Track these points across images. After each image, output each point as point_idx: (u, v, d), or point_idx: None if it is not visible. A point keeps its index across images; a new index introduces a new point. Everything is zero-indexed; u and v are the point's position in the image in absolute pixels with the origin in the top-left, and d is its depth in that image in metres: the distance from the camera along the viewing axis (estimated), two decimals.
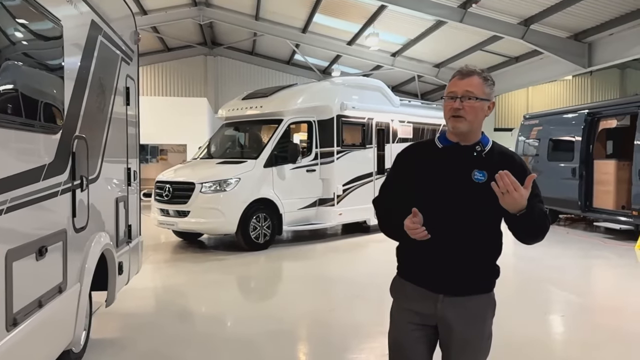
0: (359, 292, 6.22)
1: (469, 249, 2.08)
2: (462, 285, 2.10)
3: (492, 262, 2.18)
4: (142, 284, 6.67)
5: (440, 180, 2.10)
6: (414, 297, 2.16)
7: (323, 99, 9.77)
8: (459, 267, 2.09)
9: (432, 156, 2.16)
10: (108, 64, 4.11)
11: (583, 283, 7.09)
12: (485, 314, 2.17)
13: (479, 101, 2.06)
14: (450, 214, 2.07)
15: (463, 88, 2.06)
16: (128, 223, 4.73)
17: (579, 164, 10.93)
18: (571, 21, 13.45)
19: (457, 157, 2.11)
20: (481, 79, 2.10)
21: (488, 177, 2.02)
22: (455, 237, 2.07)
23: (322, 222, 9.71)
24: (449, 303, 2.10)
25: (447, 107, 2.09)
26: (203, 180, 8.35)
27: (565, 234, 11.00)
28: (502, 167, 1.98)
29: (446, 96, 2.11)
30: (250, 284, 7.14)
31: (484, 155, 2.12)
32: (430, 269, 2.12)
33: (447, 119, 2.11)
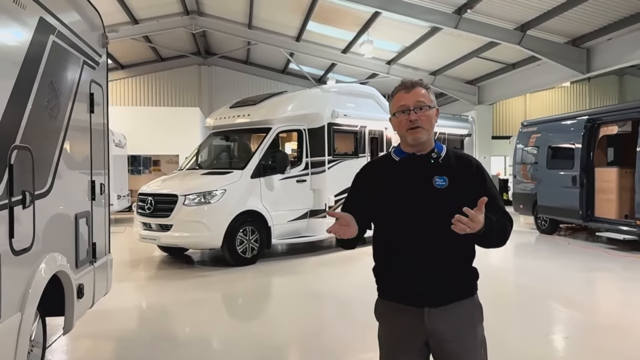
0: (348, 312, 5.84)
1: (443, 255, 2.07)
2: (444, 293, 2.08)
3: (469, 265, 2.17)
4: (122, 303, 6.29)
5: (403, 191, 2.11)
6: (398, 317, 2.13)
7: (313, 106, 9.42)
8: (436, 276, 2.07)
9: (391, 169, 2.17)
10: (64, 67, 3.75)
11: (586, 299, 6.65)
12: (474, 319, 2.14)
13: (430, 109, 2.10)
14: (418, 223, 2.06)
15: (413, 99, 2.09)
16: (92, 241, 4.34)
17: (579, 172, 10.57)
18: (568, 26, 13.17)
19: (415, 167, 2.13)
20: (425, 88, 2.14)
21: (449, 182, 2.07)
22: (427, 245, 2.06)
23: (314, 234, 9.32)
24: (436, 315, 2.06)
25: (402, 121, 2.10)
26: (186, 192, 7.97)
27: (567, 245, 10.61)
28: (461, 171, 2.11)
29: (397, 111, 2.12)
30: (234, 303, 6.71)
31: (440, 161, 2.14)
32: (408, 282, 2.09)
33: (404, 133, 2.11)
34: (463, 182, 2.09)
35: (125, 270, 8.06)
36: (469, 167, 2.14)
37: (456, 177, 2.08)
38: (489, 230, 1.97)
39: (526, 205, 12.62)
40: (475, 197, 1.97)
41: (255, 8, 17.11)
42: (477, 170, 2.15)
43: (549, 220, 11.99)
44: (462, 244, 2.08)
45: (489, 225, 1.96)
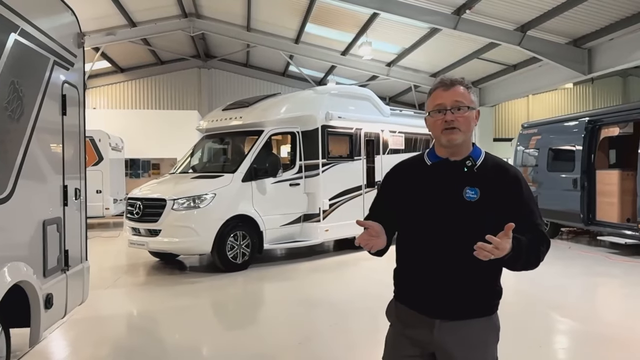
0: (338, 320, 5.64)
1: (464, 270, 1.95)
2: (459, 308, 1.98)
3: (492, 283, 2.05)
4: (108, 311, 6.16)
5: (431, 199, 2.00)
6: (409, 322, 2.07)
7: (307, 108, 9.24)
8: (454, 289, 1.97)
9: (421, 174, 2.06)
10: (28, 67, 3.59)
11: (586, 307, 6.40)
12: (486, 339, 2.03)
13: (470, 110, 1.97)
14: (442, 235, 1.96)
15: (452, 98, 1.96)
16: (64, 248, 4.17)
17: (580, 175, 10.33)
18: (569, 26, 12.95)
19: (447, 175, 2.00)
20: (465, 87, 2.00)
21: (481, 194, 1.94)
22: (449, 258, 1.95)
23: (308, 239, 9.12)
24: (446, 329, 1.97)
25: (437, 122, 1.98)
26: (175, 196, 7.80)
27: (567, 249, 10.37)
28: (496, 182, 1.96)
29: (433, 110, 1.99)
30: (223, 311, 6.50)
31: (475, 170, 2.00)
32: (425, 292, 2.02)
33: (439, 134, 1.99)
34: (496, 195, 1.95)
35: (114, 276, 7.91)
36: (505, 178, 1.99)
37: (490, 189, 1.95)
38: (517, 255, 1.83)
39: None
40: (508, 212, 1.88)
41: (253, 10, 16.99)
42: (513, 180, 2.00)
43: (550, 223, 11.73)
44: (487, 263, 1.90)
45: (517, 249, 1.81)
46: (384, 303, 2.24)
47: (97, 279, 7.75)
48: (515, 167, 2.11)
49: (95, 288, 7.06)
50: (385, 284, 2.23)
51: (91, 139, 14.68)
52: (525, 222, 1.91)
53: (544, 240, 1.96)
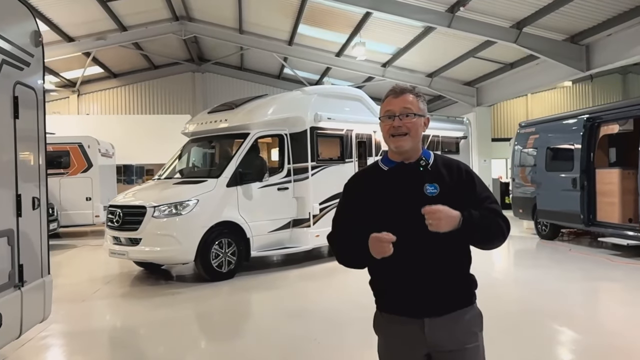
0: (326, 333, 5.30)
1: (439, 263, 2.03)
2: (443, 302, 2.03)
3: (466, 272, 2.13)
4: (84, 325, 5.84)
5: (394, 201, 2.06)
6: (398, 330, 2.08)
7: (294, 109, 8.92)
8: (434, 285, 2.03)
9: (380, 180, 2.13)
10: None
11: (588, 315, 6.03)
12: (475, 328, 2.10)
13: (417, 117, 2.08)
14: (412, 233, 1.99)
15: (400, 105, 2.07)
16: (18, 263, 3.85)
17: (579, 174, 10.00)
18: (566, 22, 12.64)
19: (405, 176, 2.09)
20: (414, 95, 2.11)
21: (440, 189, 2.04)
22: (422, 255, 2.01)
23: (297, 245, 8.79)
24: (436, 326, 2.02)
25: (386, 127, 2.09)
26: (155, 203, 7.47)
27: (568, 251, 10.02)
28: (451, 178, 2.08)
29: (383, 116, 2.11)
30: (203, 325, 6.13)
31: (429, 168, 2.10)
32: (407, 294, 2.05)
33: (388, 139, 2.10)
34: (454, 189, 2.06)
35: (93, 288, 7.58)
36: (458, 173, 2.11)
37: (447, 184, 2.06)
38: (469, 223, 1.93)
39: (525, 209, 12.05)
40: (469, 202, 2.01)
41: (244, 12, 16.73)
42: (466, 175, 2.12)
43: (550, 225, 11.42)
44: (457, 250, 2.06)
45: (467, 218, 1.93)
46: None
47: (75, 291, 7.49)
48: (464, 163, 2.23)
49: (70, 301, 6.79)
50: None
51: (80, 145, 14.40)
52: (482, 207, 2.03)
53: (499, 215, 2.06)
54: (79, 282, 8.08)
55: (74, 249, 11.88)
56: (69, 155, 14.34)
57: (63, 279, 8.49)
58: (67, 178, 14.19)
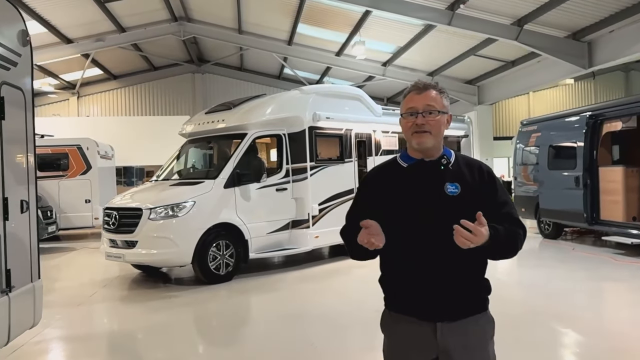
0: (317, 338, 5.19)
1: (455, 266, 1.96)
2: (458, 307, 1.98)
3: (481, 277, 2.07)
4: (83, 329, 5.74)
5: (414, 199, 2.00)
6: (407, 331, 2.02)
7: (292, 109, 8.80)
8: (450, 288, 1.97)
9: (398, 176, 2.06)
10: None
11: (592, 316, 5.86)
12: (485, 334, 2.05)
13: (441, 114, 2.02)
14: (430, 233, 1.95)
15: (423, 102, 2.01)
16: (5, 268, 3.75)
17: (582, 172, 9.85)
18: (567, 19, 12.52)
19: (425, 174, 2.03)
20: (438, 91, 2.05)
21: (461, 189, 1.99)
22: (439, 256, 1.94)
23: (297, 246, 8.67)
24: (449, 330, 1.96)
25: (408, 124, 2.03)
26: (152, 205, 7.37)
27: (571, 251, 9.89)
28: (472, 178, 2.03)
29: (405, 113, 2.04)
30: (199, 330, 6.00)
31: (450, 167, 2.05)
32: (421, 295, 1.98)
33: (409, 136, 2.04)
34: (475, 189, 2.01)
35: (90, 291, 7.48)
36: (480, 174, 2.05)
37: (468, 184, 2.01)
38: (496, 242, 1.87)
39: (528, 208, 11.90)
40: (488, 204, 1.95)
41: (243, 12, 16.65)
42: (488, 176, 2.06)
43: (552, 224, 11.28)
44: (475, 255, 1.94)
45: (494, 237, 1.87)
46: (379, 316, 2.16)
47: (71, 294, 7.39)
48: (485, 163, 2.16)
49: (66, 305, 6.70)
50: (380, 295, 2.16)
51: (79, 147, 14.31)
52: (501, 213, 1.99)
53: (520, 226, 2.02)
54: (76, 286, 7.98)
55: (73, 252, 11.79)
56: (68, 158, 14.25)
57: (60, 283, 8.42)
58: (66, 180, 14.11)
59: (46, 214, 12.07)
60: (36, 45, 16.97)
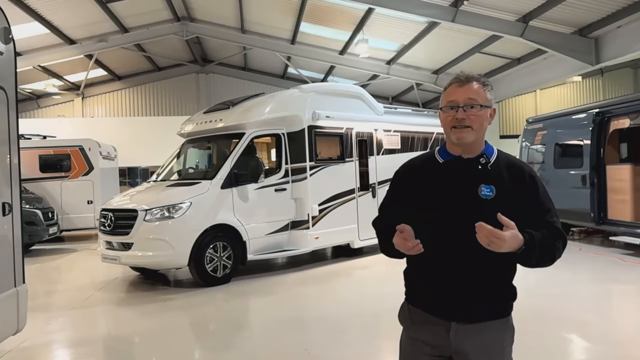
0: (313, 343, 5.04)
1: (481, 270, 1.91)
2: (476, 310, 1.93)
3: (507, 284, 2.00)
4: (73, 334, 5.64)
5: (445, 198, 1.94)
6: (423, 326, 2.00)
7: (291, 108, 8.65)
8: (471, 291, 1.92)
9: (433, 172, 2.01)
10: None
11: (599, 320, 5.65)
12: (503, 342, 1.98)
13: (483, 109, 1.93)
14: (458, 234, 1.88)
15: (465, 96, 1.93)
16: None
17: (589, 171, 9.64)
18: (574, 15, 12.26)
19: (460, 172, 1.96)
20: (481, 84, 1.97)
21: (496, 192, 1.90)
22: (465, 258, 1.90)
23: (296, 247, 8.53)
24: (464, 332, 1.93)
25: (448, 118, 1.95)
26: (147, 206, 7.25)
27: (578, 251, 9.66)
28: (511, 181, 1.93)
29: (445, 106, 1.96)
30: (189, 334, 5.87)
31: (489, 167, 1.96)
32: (440, 294, 1.96)
33: (449, 130, 1.96)
34: (512, 193, 1.91)
35: (86, 294, 7.37)
36: (520, 177, 1.95)
37: (505, 187, 1.91)
38: (530, 249, 1.81)
39: None
40: (524, 211, 1.87)
41: (245, 11, 16.53)
42: (529, 180, 1.96)
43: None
44: (503, 259, 1.87)
45: (529, 243, 1.80)
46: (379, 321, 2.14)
47: (66, 297, 7.31)
48: (529, 165, 2.07)
49: (59, 309, 6.60)
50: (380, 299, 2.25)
51: (81, 148, 14.27)
52: (541, 219, 1.89)
53: (560, 236, 1.91)
54: (72, 288, 7.89)
55: (74, 254, 11.72)
56: (70, 159, 14.22)
57: (56, 285, 8.34)
58: (68, 181, 14.08)
59: (47, 215, 12.02)
60: (39, 47, 17.19)
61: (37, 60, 17.86)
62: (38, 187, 13.46)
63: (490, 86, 2.00)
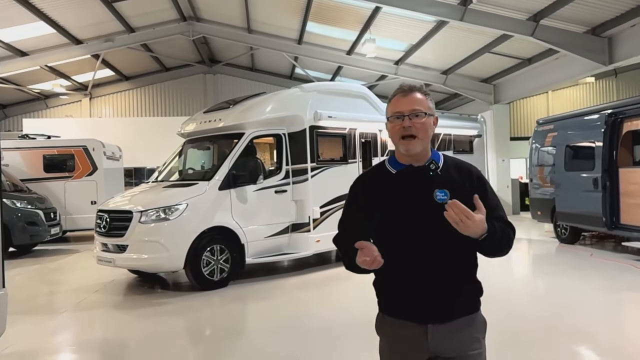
0: (308, 352, 4.81)
1: (445, 270, 1.98)
2: (449, 309, 1.99)
3: (472, 279, 2.09)
4: (59, 340, 5.46)
5: (403, 206, 2.01)
6: (401, 333, 2.04)
7: (292, 108, 8.44)
8: (440, 291, 1.98)
9: (388, 183, 2.07)
10: None
11: (612, 332, 5.30)
12: (478, 334, 2.05)
13: (427, 117, 2.03)
14: (418, 239, 1.97)
15: (409, 106, 2.01)
16: None
17: (601, 174, 9.32)
18: (586, 13, 11.92)
19: (414, 180, 2.04)
20: (423, 94, 2.06)
21: (450, 195, 1.95)
22: (428, 261, 1.97)
23: (296, 251, 8.31)
24: (440, 333, 1.98)
25: (396, 127, 2.03)
26: (142, 207, 7.08)
27: (589, 257, 9.34)
28: (461, 182, 2.03)
29: (391, 116, 2.05)
30: (181, 341, 5.66)
31: (439, 172, 2.04)
32: (411, 298, 2.00)
33: (397, 141, 2.05)
34: (464, 194, 1.95)
35: (79, 297, 7.20)
36: (469, 178, 2.05)
37: (457, 189, 1.98)
38: (492, 236, 1.90)
39: (544, 211, 11.37)
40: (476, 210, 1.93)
41: (251, 11, 16.37)
42: (477, 181, 2.06)
43: (570, 228, 10.72)
44: (464, 257, 2.02)
45: (492, 230, 1.90)
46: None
47: (58, 300, 7.17)
48: (474, 166, 2.14)
49: (49, 312, 6.45)
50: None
51: (84, 148, 14.20)
52: (492, 217, 1.96)
53: (510, 227, 2.05)
54: (67, 291, 7.75)
55: (76, 254, 11.61)
56: (74, 159, 14.15)
57: (52, 287, 8.20)
58: (72, 182, 14.01)
59: (49, 215, 11.94)
60: (45, 46, 17.15)
61: (43, 60, 17.85)
62: (42, 187, 13.39)
63: (431, 97, 2.09)
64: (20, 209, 11.16)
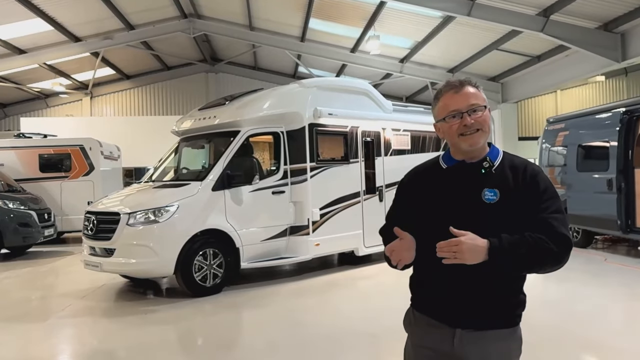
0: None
1: (487, 277, 1.81)
2: (482, 318, 1.86)
3: (515, 291, 1.91)
4: (40, 351, 5.06)
5: (449, 203, 1.91)
6: (427, 332, 1.96)
7: (290, 104, 8.05)
8: (477, 297, 1.85)
9: (438, 179, 1.99)
10: None
11: (628, 344, 4.86)
12: (510, 353, 1.90)
13: (486, 110, 1.90)
14: None
15: (466, 102, 1.88)
16: None
17: (616, 174, 8.86)
18: (598, 8, 11.49)
19: (464, 177, 1.93)
20: (474, 87, 1.93)
21: (500, 196, 1.86)
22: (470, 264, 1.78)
23: (295, 255, 7.91)
24: (468, 339, 1.86)
25: (454, 127, 1.89)
26: (130, 209, 6.70)
27: (603, 262, 8.89)
28: (514, 182, 1.89)
29: (447, 116, 1.89)
30: (166, 352, 5.30)
31: (493, 171, 1.91)
32: (445, 299, 1.91)
33: (456, 139, 1.90)
34: (516, 195, 1.84)
35: (64, 303, 6.82)
36: (522, 177, 1.87)
37: (508, 190, 1.85)
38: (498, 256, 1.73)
39: None
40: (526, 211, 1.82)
41: (252, 8, 16.02)
42: (530, 180, 1.88)
43: (582, 231, 10.27)
44: None
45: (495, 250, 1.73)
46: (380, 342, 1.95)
47: (42, 307, 6.82)
48: (534, 164, 1.96)
49: (32, 320, 6.10)
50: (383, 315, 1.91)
51: (81, 147, 13.86)
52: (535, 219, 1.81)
53: (553, 237, 1.77)
54: (53, 296, 7.40)
55: (69, 257, 11.26)
56: (70, 158, 13.82)
57: (38, 292, 7.83)
58: (68, 182, 13.68)
59: (43, 216, 11.60)
60: (44, 44, 16.84)
61: (42, 58, 17.57)
62: (37, 188, 13.07)
63: (481, 86, 1.96)
64: (12, 209, 10.83)
